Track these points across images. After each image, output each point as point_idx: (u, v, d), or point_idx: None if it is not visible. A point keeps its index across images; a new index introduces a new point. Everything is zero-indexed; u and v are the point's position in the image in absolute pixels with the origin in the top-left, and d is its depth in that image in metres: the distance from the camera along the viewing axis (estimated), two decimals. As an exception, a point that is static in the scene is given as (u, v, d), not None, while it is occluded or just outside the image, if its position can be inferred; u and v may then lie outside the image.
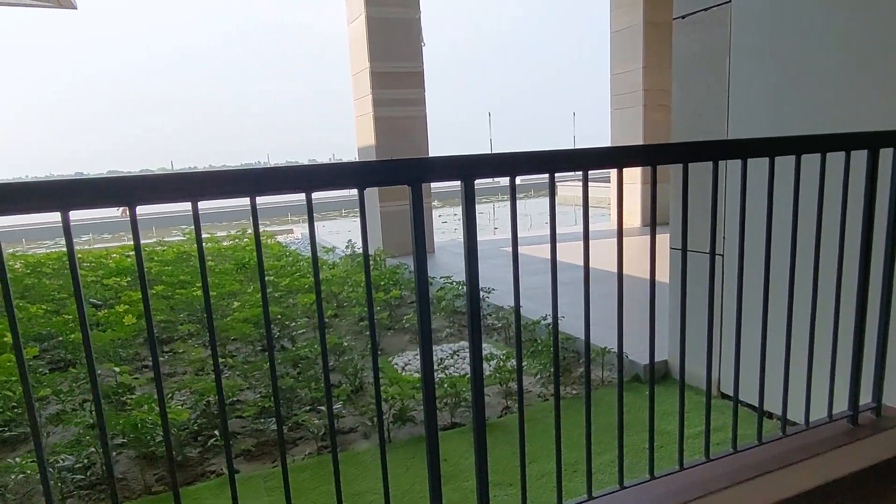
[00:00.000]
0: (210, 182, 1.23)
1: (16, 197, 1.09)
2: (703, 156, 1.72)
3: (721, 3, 2.83)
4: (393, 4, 7.45)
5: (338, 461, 1.40)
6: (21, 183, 1.09)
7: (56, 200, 1.12)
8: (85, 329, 1.17)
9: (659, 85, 9.13)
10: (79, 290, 1.15)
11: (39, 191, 1.10)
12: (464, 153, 1.44)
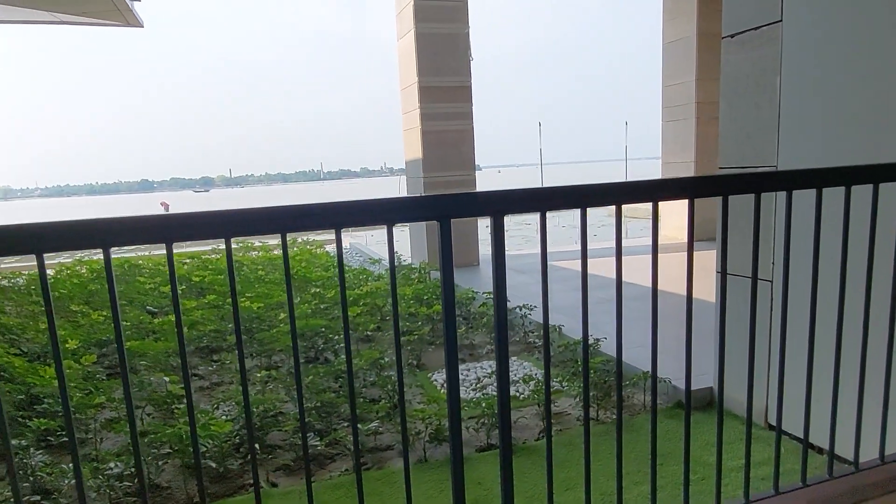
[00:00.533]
0: (244, 220, 1.27)
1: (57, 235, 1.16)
2: (745, 188, 1.67)
3: (772, 23, 2.74)
4: (442, 20, 7.53)
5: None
6: (63, 222, 1.16)
7: (98, 238, 1.18)
8: (124, 365, 1.22)
9: (712, 97, 8.88)
10: (118, 326, 1.21)
11: (83, 229, 1.17)
12: (493, 190, 1.44)
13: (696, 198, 1.62)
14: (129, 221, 1.19)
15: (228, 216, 1.25)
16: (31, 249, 1.15)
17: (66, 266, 9.83)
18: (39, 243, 1.15)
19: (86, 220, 1.16)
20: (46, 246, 1.16)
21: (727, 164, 3.12)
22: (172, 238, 1.22)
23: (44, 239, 1.15)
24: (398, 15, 7.98)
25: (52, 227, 1.15)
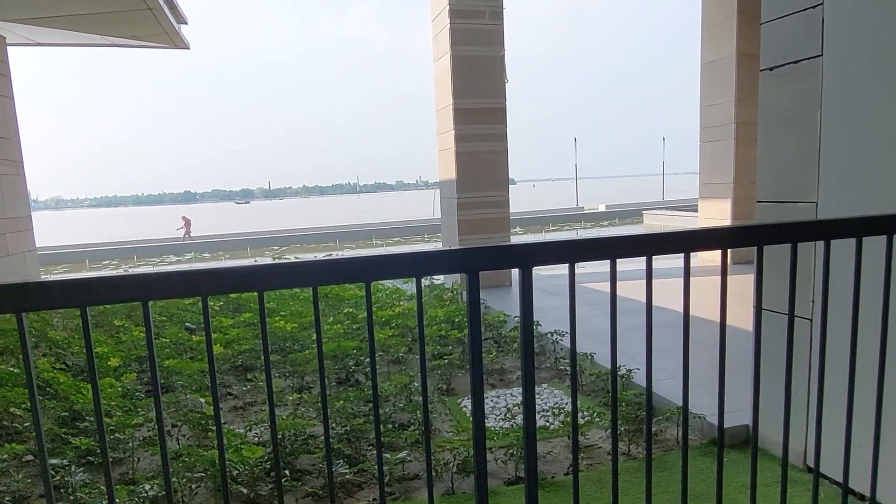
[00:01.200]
0: (279, 273, 1.30)
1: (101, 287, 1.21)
2: (781, 238, 1.64)
3: (812, 57, 2.69)
4: (478, 43, 7.59)
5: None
6: (108, 278, 1.21)
7: (139, 290, 1.23)
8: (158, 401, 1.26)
9: (752, 118, 8.71)
10: (155, 371, 1.25)
11: (124, 284, 1.22)
12: (522, 242, 1.44)
13: (729, 248, 1.59)
14: (168, 277, 1.23)
15: (262, 270, 1.29)
16: (77, 303, 1.20)
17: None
18: (86, 297, 1.20)
19: (131, 275, 1.21)
20: (94, 298, 1.21)
21: (765, 198, 3.06)
22: (208, 291, 1.27)
23: (94, 291, 1.20)
24: (434, 38, 8.08)
25: (99, 281, 1.20)
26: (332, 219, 37.18)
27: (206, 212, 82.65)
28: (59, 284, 1.17)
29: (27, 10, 8.36)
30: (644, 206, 27.68)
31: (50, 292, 1.17)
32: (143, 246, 21.63)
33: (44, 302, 1.20)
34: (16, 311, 1.16)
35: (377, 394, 1.42)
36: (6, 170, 8.34)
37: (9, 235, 8.34)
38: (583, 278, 8.83)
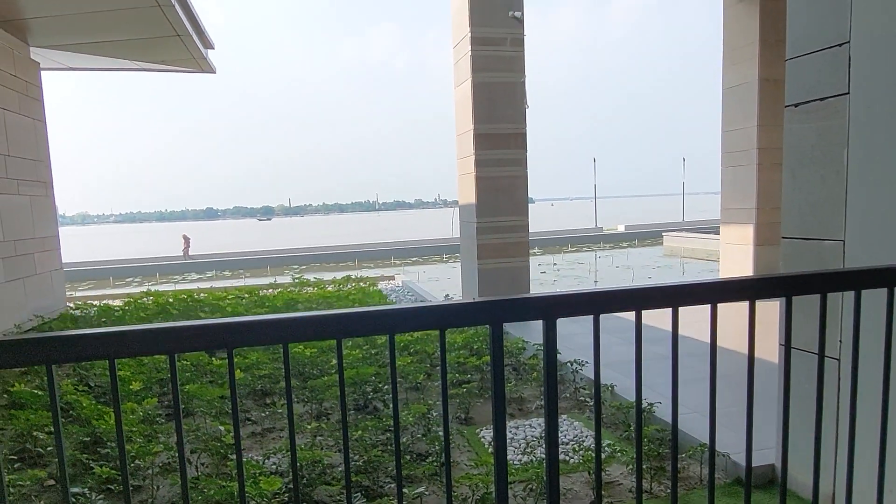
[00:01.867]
0: (302, 325, 1.31)
1: (130, 340, 1.23)
2: (809, 288, 1.61)
3: (838, 94, 2.66)
4: (499, 70, 7.66)
5: None
6: (138, 330, 1.22)
7: (166, 344, 1.24)
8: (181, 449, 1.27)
9: (775, 143, 8.63)
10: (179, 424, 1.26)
11: (152, 336, 1.23)
12: (546, 293, 1.44)
13: (757, 300, 1.56)
14: (195, 329, 1.25)
15: (286, 322, 1.30)
16: (104, 354, 1.22)
17: (134, 298, 10.32)
18: (115, 349, 1.21)
19: (156, 328, 1.23)
20: (121, 351, 1.23)
21: (791, 234, 3.02)
22: (234, 344, 1.28)
23: (123, 344, 1.22)
24: (456, 64, 8.16)
25: (128, 334, 1.22)
26: (352, 237, 37.42)
27: (227, 228, 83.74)
28: (88, 337, 1.19)
29: (62, 37, 8.63)
30: (664, 227, 27.44)
31: (79, 344, 1.19)
32: (165, 263, 21.95)
33: (73, 354, 1.22)
34: (46, 362, 1.18)
35: (399, 459, 1.41)
36: (36, 191, 8.55)
37: (37, 255, 8.52)
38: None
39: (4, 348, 1.15)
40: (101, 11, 7.54)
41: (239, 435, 1.32)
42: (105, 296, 12.72)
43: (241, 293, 10.59)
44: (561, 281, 15.10)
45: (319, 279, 11.83)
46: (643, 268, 17.17)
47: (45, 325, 7.99)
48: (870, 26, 2.53)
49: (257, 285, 12.53)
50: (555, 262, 19.25)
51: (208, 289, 12.16)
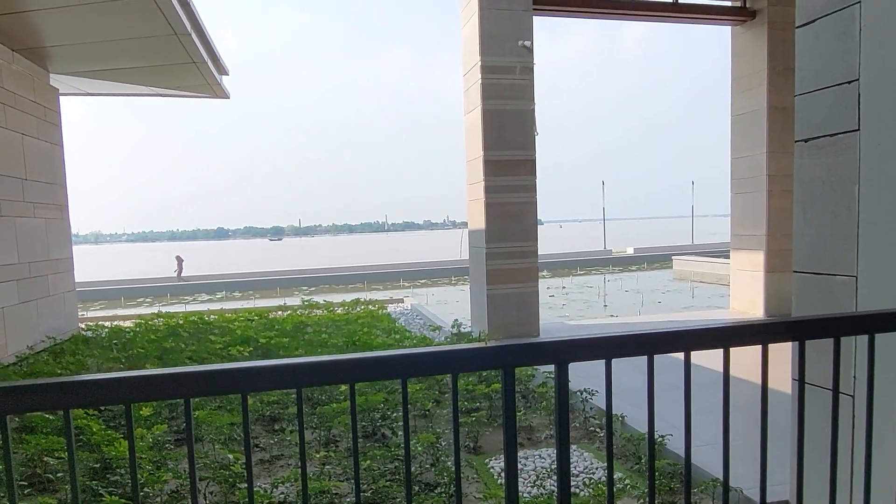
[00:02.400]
0: (314, 369, 1.33)
1: (147, 385, 1.24)
2: (822, 332, 1.61)
3: (848, 131, 2.68)
4: (508, 97, 7.74)
5: None
6: (157, 375, 1.24)
7: (181, 389, 1.26)
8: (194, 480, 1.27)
9: (784, 170, 8.63)
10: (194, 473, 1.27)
11: (167, 381, 1.25)
12: (558, 338, 1.44)
13: (770, 343, 1.56)
14: (209, 374, 1.26)
15: (299, 367, 1.31)
16: (120, 399, 1.23)
17: (144, 319, 10.38)
18: (130, 393, 1.23)
19: (172, 373, 1.25)
20: (137, 396, 1.25)
21: (802, 268, 3.01)
22: (247, 389, 1.29)
23: (139, 388, 1.23)
24: (466, 91, 8.26)
25: (146, 379, 1.23)
26: (361, 258, 37.53)
27: (237, 248, 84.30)
28: (105, 382, 1.21)
29: (81, 64, 8.83)
30: (673, 251, 27.34)
31: (97, 389, 1.20)
32: (176, 284, 22.09)
33: (90, 399, 1.23)
34: (63, 407, 1.20)
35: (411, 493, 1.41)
36: (52, 214, 8.68)
37: (51, 277, 8.61)
38: (613, 328, 8.70)
39: (22, 393, 1.17)
40: (120, 40, 7.72)
41: (252, 481, 1.32)
42: (116, 316, 12.80)
43: (251, 315, 10.62)
44: (570, 305, 15.03)
45: (329, 301, 11.86)
46: (653, 292, 17.06)
47: (56, 347, 8.05)
48: (879, 64, 2.55)
49: (267, 307, 12.57)
50: (563, 286, 19.18)
51: (218, 310, 12.21)
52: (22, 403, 1.18)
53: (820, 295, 2.87)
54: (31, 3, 6.71)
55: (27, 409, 1.19)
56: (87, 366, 7.12)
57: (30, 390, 1.16)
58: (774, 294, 8.84)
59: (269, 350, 7.48)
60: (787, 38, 8.53)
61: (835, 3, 2.71)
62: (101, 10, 6.79)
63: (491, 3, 7.67)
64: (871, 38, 2.57)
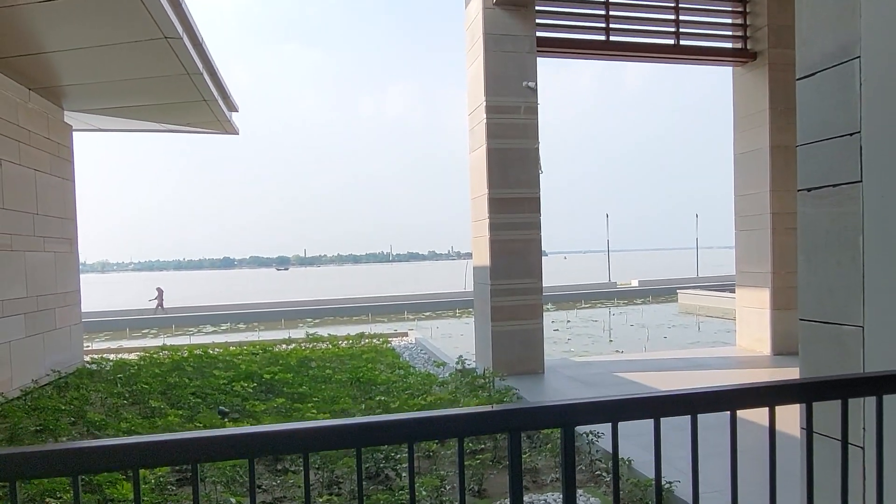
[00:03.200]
0: (321, 434, 1.33)
1: (153, 450, 1.25)
2: (830, 394, 1.61)
3: (851, 182, 2.70)
4: (513, 136, 7.84)
5: None
6: (164, 441, 1.25)
7: (188, 454, 1.26)
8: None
9: (787, 208, 8.66)
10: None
11: (176, 446, 1.26)
12: (564, 401, 1.44)
13: (777, 405, 1.56)
14: (216, 440, 1.27)
15: (306, 432, 1.32)
16: (128, 465, 1.24)
17: (149, 353, 10.37)
18: (140, 460, 1.24)
19: (180, 439, 1.25)
20: (145, 462, 1.25)
21: (808, 317, 3.00)
22: (255, 454, 1.30)
23: (146, 455, 1.24)
24: (471, 130, 8.38)
25: (153, 445, 1.24)
26: (365, 289, 37.54)
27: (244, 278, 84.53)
28: (112, 448, 1.21)
29: (95, 102, 9.02)
30: (678, 283, 27.25)
31: (104, 455, 1.21)
32: (181, 315, 22.09)
33: (97, 465, 1.24)
34: (72, 474, 1.20)
35: (415, 556, 1.40)
36: (62, 248, 8.76)
37: (58, 310, 8.65)
38: (616, 367, 8.63)
39: (31, 460, 1.17)
40: (134, 79, 7.91)
41: (256, 545, 1.32)
42: (121, 349, 12.79)
43: (255, 349, 10.60)
44: (575, 340, 14.94)
45: (333, 335, 11.83)
46: (658, 327, 16.95)
47: (61, 381, 8.03)
48: (881, 117, 2.59)
49: (271, 340, 12.54)
50: (568, 320, 19.09)
51: (223, 343, 12.19)
52: (30, 470, 1.18)
53: (827, 344, 2.86)
54: (49, 45, 6.90)
55: (35, 475, 1.20)
56: (91, 401, 7.09)
57: (38, 457, 1.17)
58: (781, 332, 8.78)
59: (273, 386, 7.44)
60: (788, 79, 8.65)
61: (835, 57, 2.77)
62: (116, 51, 6.98)
63: (496, 46, 7.84)
64: (872, 91, 2.62)
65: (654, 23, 8.84)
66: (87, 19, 6.25)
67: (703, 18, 9.08)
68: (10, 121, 7.43)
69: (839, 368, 2.79)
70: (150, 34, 6.40)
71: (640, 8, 8.79)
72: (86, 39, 6.76)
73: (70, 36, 6.67)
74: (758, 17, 8.89)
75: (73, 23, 6.35)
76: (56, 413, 6.24)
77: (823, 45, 2.84)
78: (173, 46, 6.70)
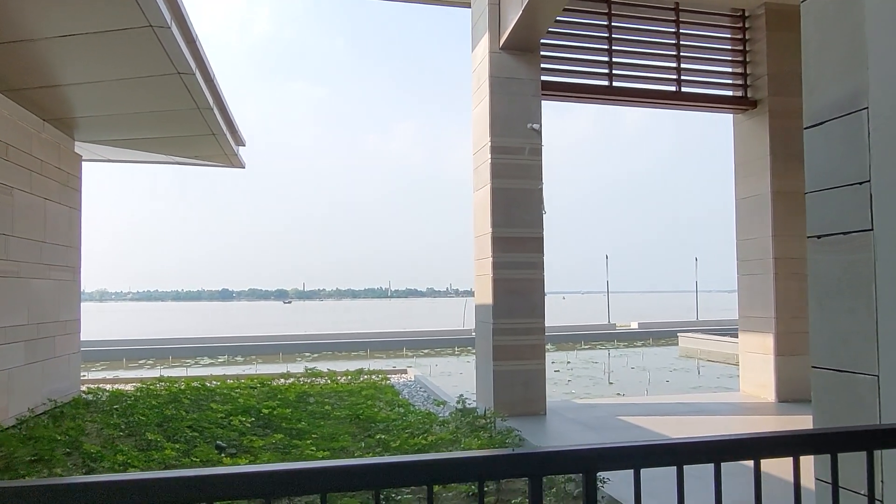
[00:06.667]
0: (342, 474, 1.31)
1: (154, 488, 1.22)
2: (852, 445, 1.58)
3: (862, 230, 2.72)
4: (517, 177, 7.93)
5: None
6: (158, 478, 1.22)
7: (197, 491, 1.23)
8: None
9: (790, 253, 8.68)
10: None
11: (190, 483, 1.23)
12: (587, 445, 1.42)
13: (800, 455, 1.53)
14: (230, 477, 1.24)
15: (324, 471, 1.29)
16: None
17: (146, 384, 10.23)
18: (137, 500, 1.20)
19: (188, 478, 1.22)
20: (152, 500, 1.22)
21: (820, 364, 2.98)
22: (271, 494, 1.27)
23: (146, 492, 1.21)
24: (476, 169, 8.47)
25: (153, 481, 1.21)
26: (364, 324, 37.33)
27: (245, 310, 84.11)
28: (108, 485, 1.18)
29: (105, 134, 9.15)
30: (678, 326, 27.09)
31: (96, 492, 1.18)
32: (178, 347, 21.91)
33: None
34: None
35: None
36: (65, 276, 8.75)
37: (57, 338, 8.58)
38: (618, 410, 8.51)
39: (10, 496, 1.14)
40: (145, 113, 8.03)
41: (270, 590, 1.28)
42: (118, 379, 12.64)
43: (253, 383, 10.47)
44: (575, 381, 14.77)
45: (332, 370, 11.71)
46: (659, 370, 16.79)
47: (56, 410, 7.91)
48: (890, 167, 2.62)
49: (269, 374, 12.40)
50: (568, 361, 18.91)
51: (220, 376, 12.05)
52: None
53: (842, 393, 2.83)
54: (65, 78, 7.03)
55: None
56: (87, 431, 6.97)
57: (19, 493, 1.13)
58: (785, 379, 8.69)
59: (271, 421, 7.33)
60: (788, 126, 8.80)
61: (842, 107, 2.82)
62: (130, 85, 7.11)
63: (502, 89, 7.99)
64: (881, 141, 2.65)
65: (655, 70, 9.03)
66: (104, 54, 6.38)
67: (703, 67, 9.28)
68: (24, 150, 7.52)
69: (854, 418, 2.75)
70: (163, 69, 6.53)
71: (642, 56, 9.00)
72: (101, 74, 6.90)
73: (86, 70, 6.81)
74: (758, 66, 9.09)
75: (90, 57, 6.49)
76: (51, 443, 6.12)
77: (831, 95, 2.90)
78: (186, 82, 6.83)
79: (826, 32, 2.94)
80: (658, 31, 9.03)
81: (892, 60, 2.62)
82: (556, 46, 8.59)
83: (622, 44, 8.82)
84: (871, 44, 2.71)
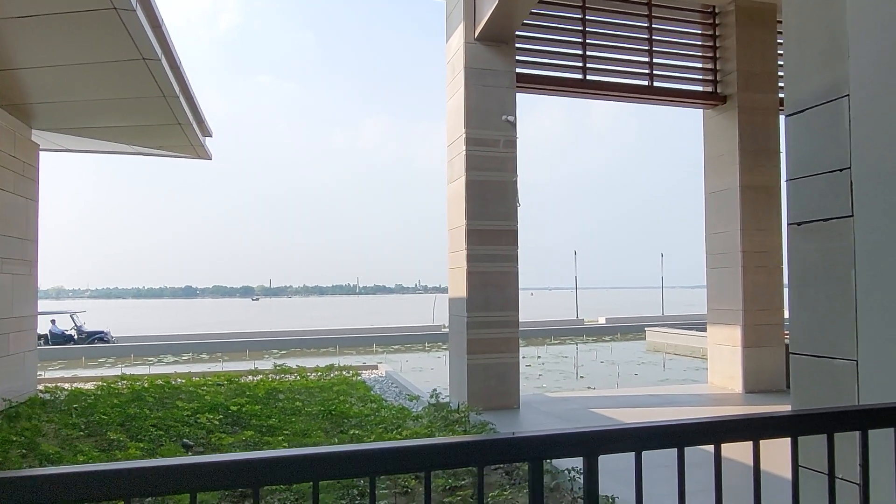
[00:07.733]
0: (331, 461, 1.23)
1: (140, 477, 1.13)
2: (816, 428, 1.58)
3: (841, 217, 2.74)
4: (491, 169, 7.89)
5: None
6: (156, 467, 1.13)
7: (185, 482, 1.14)
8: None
9: (758, 247, 8.87)
10: (197, 580, 1.14)
11: (171, 472, 1.14)
12: (587, 428, 1.37)
13: (762, 439, 1.51)
14: (217, 466, 1.16)
15: (317, 458, 1.21)
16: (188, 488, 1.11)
17: (107, 382, 9.89)
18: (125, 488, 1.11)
19: (174, 466, 1.13)
20: (136, 491, 1.13)
21: (799, 350, 3.01)
22: (260, 482, 1.18)
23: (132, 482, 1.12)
24: (450, 161, 8.41)
25: (138, 470, 1.12)
26: (333, 320, 36.93)
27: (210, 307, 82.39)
28: (99, 474, 1.09)
29: (65, 122, 8.78)
30: (644, 321, 27.53)
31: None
32: (140, 345, 21.33)
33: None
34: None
35: None
36: (20, 269, 8.38)
37: (12, 335, 8.21)
38: (591, 402, 8.57)
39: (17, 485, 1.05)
40: (107, 100, 7.73)
41: (258, 586, 1.19)
42: (77, 378, 12.20)
43: (220, 380, 10.22)
44: (546, 375, 14.87)
45: (301, 367, 11.51)
46: (627, 363, 17.02)
47: (11, 410, 7.57)
48: (870, 154, 2.65)
49: (237, 371, 12.13)
50: (538, 355, 19.02)
51: (185, 373, 11.74)
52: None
53: (820, 378, 2.86)
54: (22, 61, 6.71)
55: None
56: (45, 432, 6.69)
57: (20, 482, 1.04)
58: (752, 370, 8.87)
59: (240, 418, 7.15)
60: (756, 122, 8.97)
61: (824, 95, 2.84)
62: (91, 70, 6.83)
63: (477, 80, 7.94)
64: (862, 128, 2.68)
65: (628, 64, 9.10)
66: (64, 37, 6.11)
67: (675, 62, 9.39)
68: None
69: (832, 402, 2.78)
70: (128, 55, 6.28)
71: (615, 49, 9.05)
72: (61, 57, 6.60)
73: (45, 53, 6.50)
74: (727, 63, 9.24)
75: (49, 40, 6.19)
76: (5, 445, 5.85)
77: (812, 84, 2.92)
78: (151, 68, 6.59)
79: (807, 22, 2.96)
80: (631, 26, 9.10)
81: (873, 49, 2.65)
82: (531, 39, 8.57)
83: (596, 37, 8.86)
84: (851, 33, 2.73)
